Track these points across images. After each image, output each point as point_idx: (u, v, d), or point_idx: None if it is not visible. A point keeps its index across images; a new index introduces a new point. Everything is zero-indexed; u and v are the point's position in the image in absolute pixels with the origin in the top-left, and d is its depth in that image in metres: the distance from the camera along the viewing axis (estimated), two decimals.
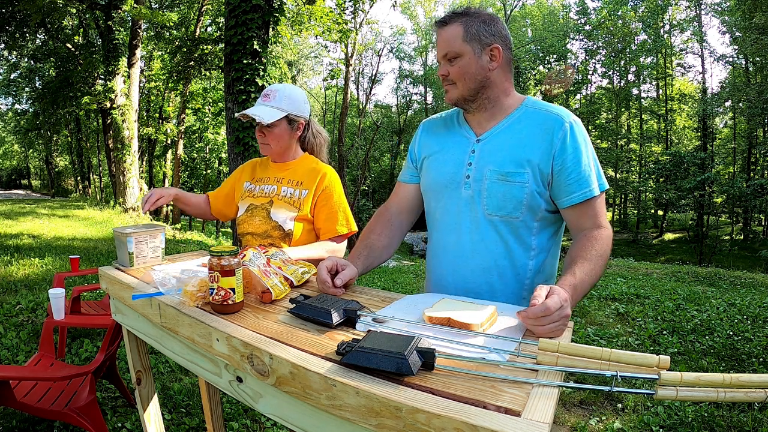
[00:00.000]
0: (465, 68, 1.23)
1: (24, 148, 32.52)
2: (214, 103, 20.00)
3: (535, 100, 1.30)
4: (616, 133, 24.76)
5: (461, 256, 1.29)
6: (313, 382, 0.78)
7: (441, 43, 1.25)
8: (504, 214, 1.22)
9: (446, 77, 1.27)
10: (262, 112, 1.65)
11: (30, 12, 12.01)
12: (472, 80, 1.23)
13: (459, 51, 1.22)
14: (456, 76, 1.24)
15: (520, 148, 1.21)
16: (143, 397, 1.56)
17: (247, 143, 6.52)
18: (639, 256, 14.71)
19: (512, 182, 1.20)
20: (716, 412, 2.51)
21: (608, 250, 1.15)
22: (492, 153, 1.25)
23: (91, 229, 9.48)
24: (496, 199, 1.22)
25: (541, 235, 1.25)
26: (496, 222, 1.24)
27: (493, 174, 1.22)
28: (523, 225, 1.23)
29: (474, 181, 1.25)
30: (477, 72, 1.23)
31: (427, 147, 1.41)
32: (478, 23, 1.21)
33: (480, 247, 1.26)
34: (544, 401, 0.68)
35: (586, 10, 24.87)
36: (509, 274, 1.25)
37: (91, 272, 3.43)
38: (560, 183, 1.20)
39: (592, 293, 5.25)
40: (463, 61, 1.22)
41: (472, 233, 1.26)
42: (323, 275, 1.19)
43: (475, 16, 1.23)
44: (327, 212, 1.69)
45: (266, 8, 6.46)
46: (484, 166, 1.24)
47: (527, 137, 1.22)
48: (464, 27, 1.21)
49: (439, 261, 1.35)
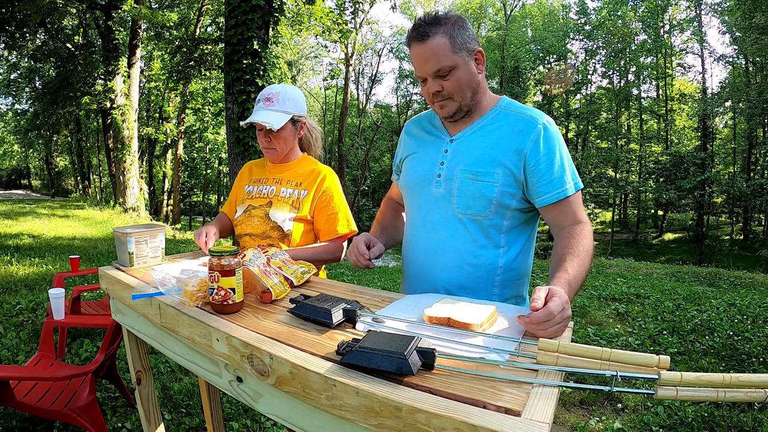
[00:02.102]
0: (460, 80, 1.19)
1: (24, 148, 32.52)
2: (214, 103, 20.01)
3: (510, 100, 1.30)
4: (616, 133, 24.75)
5: (432, 254, 1.30)
6: (313, 382, 0.78)
7: (427, 58, 1.16)
8: (473, 213, 1.24)
9: (439, 93, 1.21)
10: (269, 119, 1.61)
11: (30, 12, 12.01)
12: (468, 90, 1.22)
13: (452, 64, 1.16)
14: (452, 90, 1.20)
15: (492, 149, 1.22)
16: (143, 397, 1.56)
17: (247, 143, 6.52)
18: (639, 256, 14.72)
19: (482, 181, 1.21)
20: (716, 412, 2.51)
21: (592, 244, 1.17)
22: (464, 153, 1.26)
23: (91, 229, 9.48)
24: (465, 198, 1.23)
25: (510, 233, 1.26)
26: (466, 221, 1.25)
27: (464, 173, 1.23)
28: (491, 224, 1.24)
29: (445, 180, 1.27)
30: (470, 81, 1.21)
31: (407, 148, 1.43)
32: (458, 30, 1.17)
33: (449, 244, 1.27)
34: (544, 401, 0.68)
35: (586, 10, 24.87)
36: (479, 271, 1.26)
37: (91, 272, 3.43)
38: (534, 184, 1.21)
39: (592, 293, 5.25)
40: (458, 73, 1.18)
41: (442, 231, 1.28)
42: (362, 248, 1.30)
43: (452, 22, 1.17)
44: (327, 213, 1.69)
45: (266, 8, 6.46)
46: (455, 166, 1.26)
47: (499, 138, 1.23)
48: (449, 37, 1.15)
49: (412, 258, 1.38)
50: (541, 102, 26.23)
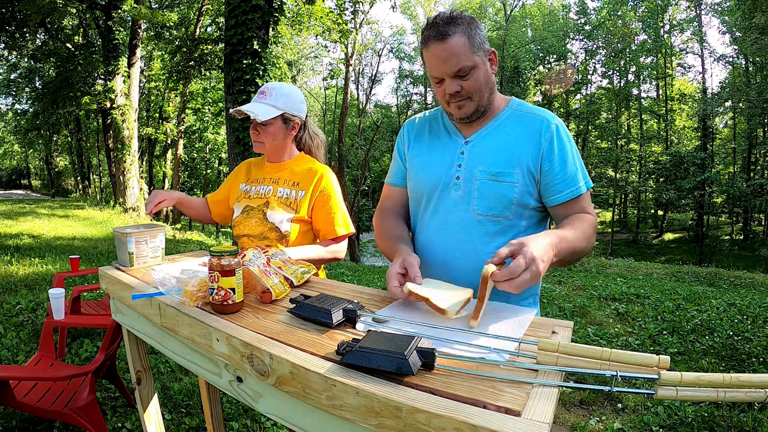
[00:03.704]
0: (480, 80, 1.20)
1: (24, 148, 32.52)
2: (214, 103, 20.01)
3: (520, 101, 1.32)
4: (616, 133, 24.75)
5: (451, 256, 1.29)
6: (313, 382, 0.78)
7: (447, 58, 1.16)
8: (494, 214, 1.24)
9: (458, 93, 1.20)
10: (257, 109, 1.63)
11: (30, 12, 12.01)
12: (486, 90, 1.23)
13: (472, 63, 1.17)
14: (472, 89, 1.20)
15: (509, 149, 1.23)
16: (143, 397, 1.56)
17: (247, 143, 6.51)
18: (639, 256, 14.73)
19: (502, 182, 1.22)
20: (716, 412, 2.51)
21: (592, 231, 1.19)
22: (482, 154, 1.26)
23: (91, 229, 9.48)
24: (486, 200, 1.23)
25: (527, 233, 1.26)
26: (485, 222, 1.25)
27: (484, 174, 1.23)
28: (511, 224, 1.25)
29: (464, 182, 1.26)
30: (488, 80, 1.22)
31: (412, 149, 1.41)
32: (475, 29, 1.17)
33: (468, 247, 1.27)
34: (544, 401, 0.68)
35: (586, 10, 24.87)
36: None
37: (91, 272, 3.43)
38: (548, 182, 1.23)
39: (592, 293, 5.26)
40: (478, 72, 1.18)
41: (459, 234, 1.27)
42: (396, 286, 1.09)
43: (467, 22, 1.17)
44: (325, 213, 1.68)
45: (266, 8, 6.46)
46: (474, 167, 1.25)
47: (515, 138, 1.24)
48: (468, 36, 1.16)
49: (428, 261, 1.36)
50: (541, 102, 26.23)
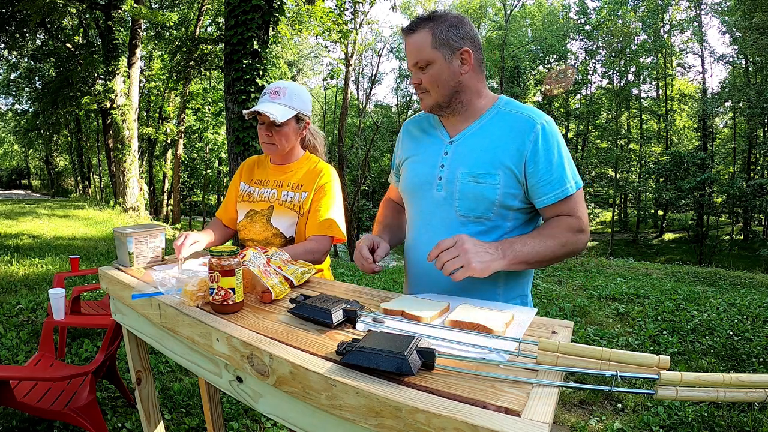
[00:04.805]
0: (437, 75, 1.22)
1: (24, 148, 32.50)
2: (214, 103, 20.00)
3: (509, 99, 1.30)
4: (616, 133, 24.74)
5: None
6: (313, 382, 0.78)
7: (410, 51, 1.23)
8: (476, 215, 1.24)
9: (419, 85, 1.26)
10: (274, 111, 1.57)
11: (30, 12, 12.00)
12: (445, 87, 1.23)
13: (429, 58, 1.21)
14: (429, 83, 1.23)
15: (492, 150, 1.23)
16: (143, 397, 1.56)
17: (247, 143, 6.51)
18: (639, 256, 14.72)
19: (483, 183, 1.22)
20: (716, 412, 2.51)
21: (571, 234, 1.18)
22: (464, 155, 1.26)
23: (91, 229, 9.48)
24: (468, 201, 1.23)
25: (513, 234, 1.26)
26: (468, 223, 1.25)
27: (465, 176, 1.24)
28: (494, 225, 1.24)
29: (446, 183, 1.27)
30: (449, 78, 1.23)
31: (406, 149, 1.43)
32: (446, 27, 1.20)
33: None
34: (544, 401, 0.68)
35: (586, 10, 24.85)
36: None
37: (91, 272, 3.43)
38: (534, 184, 1.21)
39: (592, 293, 5.26)
40: (435, 68, 1.21)
41: (443, 234, 1.26)
42: (365, 252, 1.27)
43: (442, 20, 1.21)
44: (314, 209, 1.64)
45: (266, 8, 6.46)
46: (456, 168, 1.26)
47: (499, 139, 1.23)
48: (432, 33, 1.19)
49: (414, 260, 1.37)
50: (541, 102, 26.21)
